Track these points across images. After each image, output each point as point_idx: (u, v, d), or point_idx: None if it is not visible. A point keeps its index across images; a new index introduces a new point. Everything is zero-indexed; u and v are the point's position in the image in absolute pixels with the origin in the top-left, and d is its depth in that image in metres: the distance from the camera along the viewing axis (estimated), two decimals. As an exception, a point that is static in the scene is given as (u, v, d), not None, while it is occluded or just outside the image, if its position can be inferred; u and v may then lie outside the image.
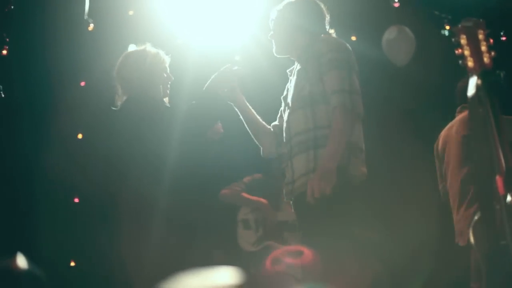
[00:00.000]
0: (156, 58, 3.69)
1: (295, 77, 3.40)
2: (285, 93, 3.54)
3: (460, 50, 2.32)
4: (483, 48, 2.30)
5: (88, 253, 5.42)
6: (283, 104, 3.53)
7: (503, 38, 4.88)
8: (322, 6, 3.46)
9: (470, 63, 2.30)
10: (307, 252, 3.13)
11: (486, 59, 2.29)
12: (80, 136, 5.66)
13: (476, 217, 2.39)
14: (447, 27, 5.22)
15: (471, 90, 2.28)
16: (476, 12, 5.08)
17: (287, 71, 3.56)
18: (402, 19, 3.82)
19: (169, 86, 3.72)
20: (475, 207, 3.42)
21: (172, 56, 4.77)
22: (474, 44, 2.31)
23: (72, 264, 5.44)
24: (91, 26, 5.26)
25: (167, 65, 3.73)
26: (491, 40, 2.31)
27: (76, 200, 5.60)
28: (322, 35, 3.40)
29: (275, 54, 3.50)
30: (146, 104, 3.53)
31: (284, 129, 3.42)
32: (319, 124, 3.24)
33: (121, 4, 5.32)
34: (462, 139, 3.97)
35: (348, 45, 3.34)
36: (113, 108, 3.65)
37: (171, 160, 3.44)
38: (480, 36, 2.30)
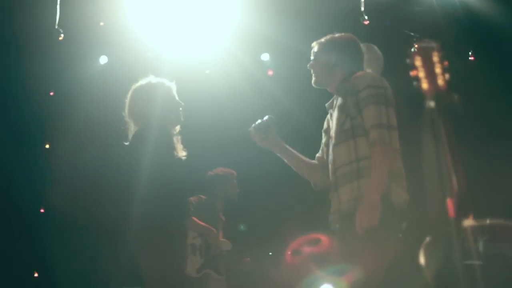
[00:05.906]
0: (163, 90, 3.77)
1: (336, 111, 3.53)
2: (325, 126, 3.67)
3: (414, 72, 2.32)
4: (438, 70, 2.29)
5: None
6: (324, 137, 3.67)
7: (471, 58, 4.90)
8: (361, 45, 3.63)
9: (425, 85, 2.30)
10: (324, 239, 3.18)
11: (440, 82, 2.29)
12: (47, 145, 5.61)
13: (427, 239, 2.41)
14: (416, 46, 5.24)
15: (425, 113, 2.28)
16: (445, 32, 5.12)
17: (326, 105, 3.68)
18: (372, 37, 3.84)
19: (181, 111, 3.80)
20: None
21: (142, 68, 4.76)
22: (428, 66, 2.30)
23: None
24: (62, 36, 5.21)
25: (174, 93, 3.80)
26: (446, 63, 2.30)
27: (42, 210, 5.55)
28: (359, 71, 3.52)
29: (313, 85, 3.61)
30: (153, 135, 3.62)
31: (329, 161, 3.55)
32: (361, 155, 3.37)
33: (92, 15, 5.29)
34: None
35: (385, 80, 3.45)
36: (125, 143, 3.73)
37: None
38: (435, 58, 2.30)
